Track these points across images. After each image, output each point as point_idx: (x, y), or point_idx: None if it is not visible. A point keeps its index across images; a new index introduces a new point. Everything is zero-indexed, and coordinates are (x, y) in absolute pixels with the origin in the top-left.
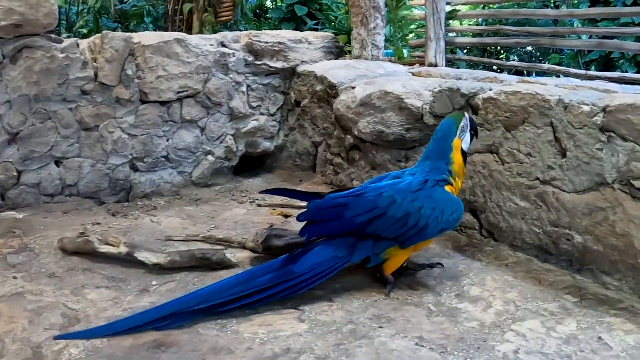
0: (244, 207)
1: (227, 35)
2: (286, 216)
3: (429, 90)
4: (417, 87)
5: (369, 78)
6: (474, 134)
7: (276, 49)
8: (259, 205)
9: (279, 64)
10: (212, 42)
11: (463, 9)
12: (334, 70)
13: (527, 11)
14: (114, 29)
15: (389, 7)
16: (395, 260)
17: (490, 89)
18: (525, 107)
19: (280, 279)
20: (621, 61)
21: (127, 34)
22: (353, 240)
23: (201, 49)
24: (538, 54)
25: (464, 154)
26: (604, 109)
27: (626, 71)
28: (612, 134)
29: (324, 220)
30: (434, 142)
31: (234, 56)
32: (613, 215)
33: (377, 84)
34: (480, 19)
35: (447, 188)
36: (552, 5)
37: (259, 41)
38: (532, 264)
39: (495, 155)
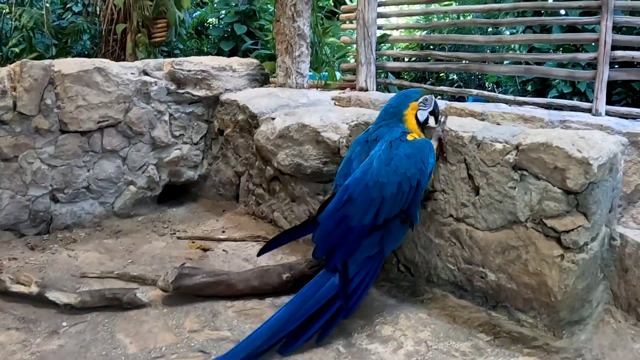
0: (164, 240)
1: (149, 62)
2: (205, 250)
3: (346, 124)
4: (334, 120)
5: (290, 108)
6: (433, 116)
7: (199, 77)
8: (178, 238)
9: (202, 93)
10: (134, 70)
11: (397, 33)
12: (257, 99)
13: (456, 36)
14: (49, 47)
15: (316, 34)
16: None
17: None
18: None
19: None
20: (557, 81)
21: (48, 61)
22: (371, 243)
23: (122, 77)
24: (478, 74)
25: (418, 121)
26: (516, 147)
27: (561, 91)
28: (525, 173)
29: (338, 245)
30: (391, 100)
31: (156, 85)
32: (526, 254)
33: (297, 116)
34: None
35: (409, 137)
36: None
37: (182, 69)
38: (447, 300)
39: None
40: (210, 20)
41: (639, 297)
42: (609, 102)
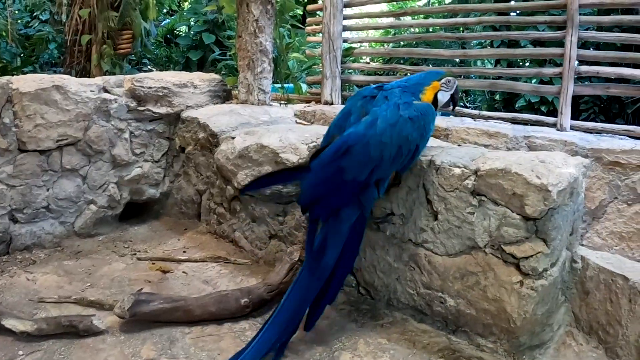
0: (124, 261)
1: (110, 79)
2: (165, 271)
3: (305, 144)
4: (293, 140)
5: (251, 126)
6: (452, 100)
7: (160, 94)
8: (139, 259)
9: (163, 110)
10: (93, 87)
11: (362, 47)
12: (218, 117)
13: (421, 50)
14: (14, 56)
15: (279, 50)
16: None
17: None
18: None
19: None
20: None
21: (5, 79)
22: (356, 200)
23: (81, 95)
24: None
25: (436, 101)
26: (475, 172)
27: (529, 100)
28: (484, 198)
29: (327, 195)
30: (416, 76)
31: (116, 102)
32: (485, 280)
33: (256, 136)
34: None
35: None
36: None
37: (142, 86)
38: (407, 324)
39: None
40: (181, 28)
41: (601, 320)
42: (576, 110)
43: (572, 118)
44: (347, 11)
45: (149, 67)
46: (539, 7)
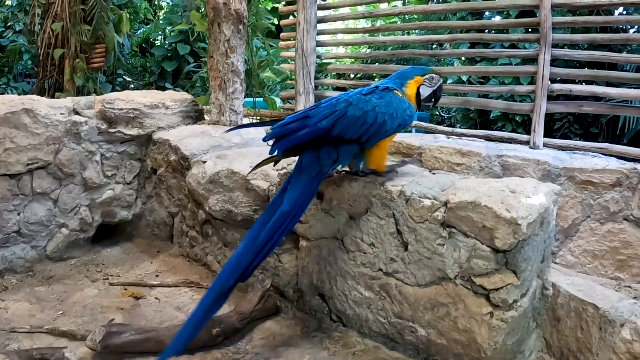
0: (96, 287)
1: (80, 101)
2: (137, 298)
3: (276, 171)
4: (264, 166)
5: (223, 149)
6: (433, 96)
7: (131, 115)
8: (111, 284)
9: (134, 131)
10: (63, 110)
11: (336, 63)
12: (189, 139)
13: (394, 67)
14: None
15: (251, 68)
16: (376, 157)
17: (336, 172)
18: (368, 196)
19: (279, 225)
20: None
21: None
22: (316, 155)
23: (51, 119)
24: None
25: (419, 96)
26: (445, 204)
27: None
28: (454, 230)
29: (289, 134)
30: (402, 70)
31: (86, 124)
32: (455, 311)
33: (227, 160)
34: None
35: (398, 93)
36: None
37: (113, 108)
38: (379, 351)
39: (340, 242)
40: (158, 37)
41: (571, 346)
42: (551, 119)
43: (547, 125)
44: (322, 26)
45: (123, 77)
46: (513, 25)
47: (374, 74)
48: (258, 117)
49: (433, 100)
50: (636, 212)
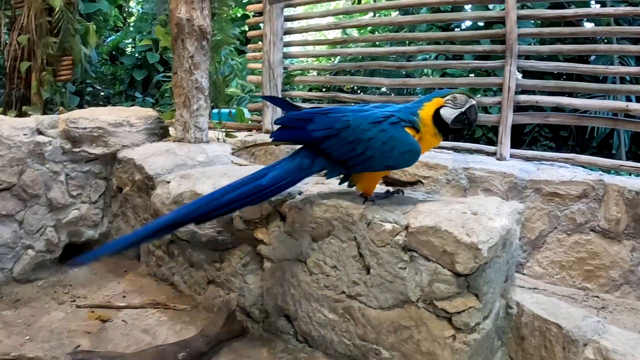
0: (64, 310)
1: (44, 120)
2: (104, 320)
3: None
4: None
5: (187, 167)
6: (464, 116)
7: (95, 134)
8: (78, 307)
9: (99, 150)
10: (26, 130)
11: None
12: (154, 157)
13: (361, 79)
14: None
15: (217, 84)
16: (365, 182)
17: (300, 193)
18: (330, 219)
19: (250, 192)
20: None
21: None
22: (313, 154)
23: (14, 140)
24: None
25: (441, 120)
26: (406, 228)
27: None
28: (415, 254)
29: (291, 128)
30: (425, 96)
31: (50, 145)
32: (418, 334)
33: (191, 181)
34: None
35: (409, 130)
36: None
37: (77, 127)
38: None
39: (303, 264)
40: (128, 45)
41: None
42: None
43: (518, 129)
44: (289, 37)
45: (94, 86)
46: (479, 37)
47: (343, 86)
48: (224, 131)
49: (466, 122)
50: (602, 223)
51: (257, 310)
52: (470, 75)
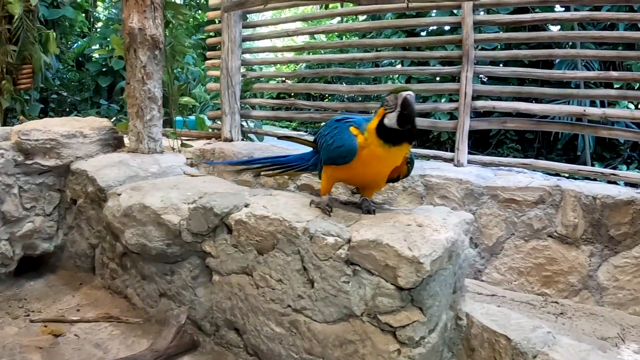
0: (17, 324)
1: None
2: (56, 335)
3: (187, 204)
4: (175, 200)
5: (140, 179)
6: (404, 113)
7: (48, 146)
8: (32, 321)
9: (52, 162)
10: None
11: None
12: (106, 169)
13: (319, 86)
14: None
15: (172, 93)
16: (323, 179)
17: (247, 205)
18: (274, 232)
19: (298, 158)
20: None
21: None
22: (317, 156)
23: None
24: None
25: (385, 127)
26: (348, 241)
27: (439, 118)
28: (358, 268)
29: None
30: None
31: (2, 157)
32: (363, 349)
33: (141, 193)
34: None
35: (353, 129)
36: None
37: (29, 139)
38: None
39: (250, 277)
40: (94, 52)
41: None
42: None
43: (485, 131)
44: (248, 44)
45: (59, 92)
46: (436, 43)
47: (300, 92)
48: (180, 139)
49: (406, 120)
50: (560, 229)
51: (207, 324)
52: (437, 80)
